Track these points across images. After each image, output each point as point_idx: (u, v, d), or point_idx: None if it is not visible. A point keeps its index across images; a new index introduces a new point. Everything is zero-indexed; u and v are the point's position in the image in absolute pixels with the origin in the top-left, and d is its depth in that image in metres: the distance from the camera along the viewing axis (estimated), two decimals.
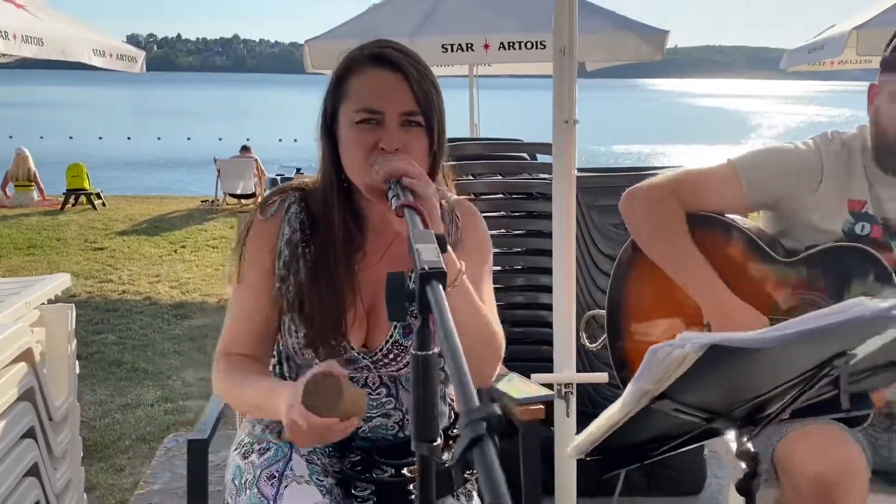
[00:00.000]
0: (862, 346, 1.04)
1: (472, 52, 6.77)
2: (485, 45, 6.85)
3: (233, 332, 1.67)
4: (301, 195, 1.67)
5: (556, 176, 2.50)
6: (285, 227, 1.64)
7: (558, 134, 2.48)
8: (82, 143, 27.37)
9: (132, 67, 9.33)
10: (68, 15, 8.86)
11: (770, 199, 1.96)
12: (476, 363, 1.37)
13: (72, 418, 2.72)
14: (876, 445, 1.93)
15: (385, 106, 1.52)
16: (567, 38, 2.43)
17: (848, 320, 0.94)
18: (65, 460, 2.64)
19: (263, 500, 1.52)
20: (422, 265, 0.97)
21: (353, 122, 1.53)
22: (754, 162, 1.97)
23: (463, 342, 1.26)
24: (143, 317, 6.73)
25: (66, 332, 2.65)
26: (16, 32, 6.84)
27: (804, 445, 1.73)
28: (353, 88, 1.55)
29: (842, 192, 1.92)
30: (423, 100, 1.54)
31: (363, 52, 1.57)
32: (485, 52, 6.95)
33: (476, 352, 1.43)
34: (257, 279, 1.63)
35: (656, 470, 3.08)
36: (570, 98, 2.46)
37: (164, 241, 10.14)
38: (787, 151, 1.96)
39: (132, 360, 5.57)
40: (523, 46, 6.98)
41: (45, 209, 12.75)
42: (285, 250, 1.63)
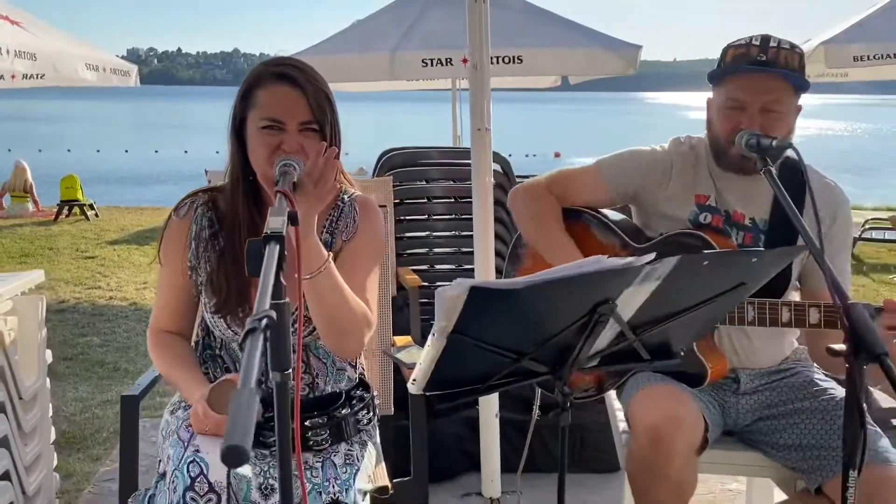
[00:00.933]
0: (620, 296, 1.32)
1: (451, 67, 7.01)
2: (463, 60, 7.15)
3: (159, 312, 2.02)
4: (209, 196, 1.99)
5: (473, 177, 2.80)
6: (193, 225, 1.97)
7: (474, 140, 2.78)
8: (80, 156, 27.59)
9: (126, 81, 9.60)
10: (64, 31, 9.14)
11: (629, 193, 2.26)
12: (338, 336, 1.84)
13: (41, 399, 2.98)
14: (725, 408, 2.21)
15: (286, 117, 1.82)
16: (479, 57, 2.72)
17: (589, 273, 1.21)
18: (34, 437, 2.91)
19: (180, 442, 1.80)
20: (265, 230, 1.26)
21: (259, 128, 1.83)
22: (616, 162, 2.27)
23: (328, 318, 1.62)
24: (128, 321, 6.96)
25: (36, 321, 2.92)
26: (9, 47, 7.11)
27: (646, 401, 2.02)
28: (259, 100, 1.85)
29: (689, 187, 2.21)
30: (317, 111, 1.84)
31: (268, 68, 1.87)
32: (463, 67, 7.26)
33: (339, 326, 1.81)
34: (173, 270, 1.97)
35: (580, 449, 3.34)
36: (483, 108, 2.75)
37: (153, 249, 10.18)
38: (644, 153, 2.26)
39: (114, 361, 5.79)
40: (500, 61, 7.28)
41: (39, 220, 13.01)
42: (193, 244, 1.96)
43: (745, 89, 2.03)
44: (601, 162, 2.28)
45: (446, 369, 1.36)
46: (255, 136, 1.84)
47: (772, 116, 2.02)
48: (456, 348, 1.30)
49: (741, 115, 2.03)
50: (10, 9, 8.27)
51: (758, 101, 2.01)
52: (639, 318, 1.42)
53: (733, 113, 2.05)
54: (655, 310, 1.41)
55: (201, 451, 1.76)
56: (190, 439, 1.80)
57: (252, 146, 1.85)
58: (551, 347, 1.41)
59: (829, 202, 2.18)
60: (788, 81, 2.04)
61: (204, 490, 1.70)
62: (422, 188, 4.30)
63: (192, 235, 1.96)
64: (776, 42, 2.04)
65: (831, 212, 2.19)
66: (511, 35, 7.37)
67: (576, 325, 1.34)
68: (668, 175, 2.22)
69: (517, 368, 1.44)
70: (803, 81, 2.05)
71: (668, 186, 2.22)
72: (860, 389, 1.41)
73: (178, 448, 1.80)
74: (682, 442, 1.91)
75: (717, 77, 2.10)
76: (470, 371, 1.41)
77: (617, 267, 1.24)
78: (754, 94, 2.01)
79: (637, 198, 2.27)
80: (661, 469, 1.91)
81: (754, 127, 1.98)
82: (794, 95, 2.07)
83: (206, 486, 1.70)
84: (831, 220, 2.19)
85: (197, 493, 1.70)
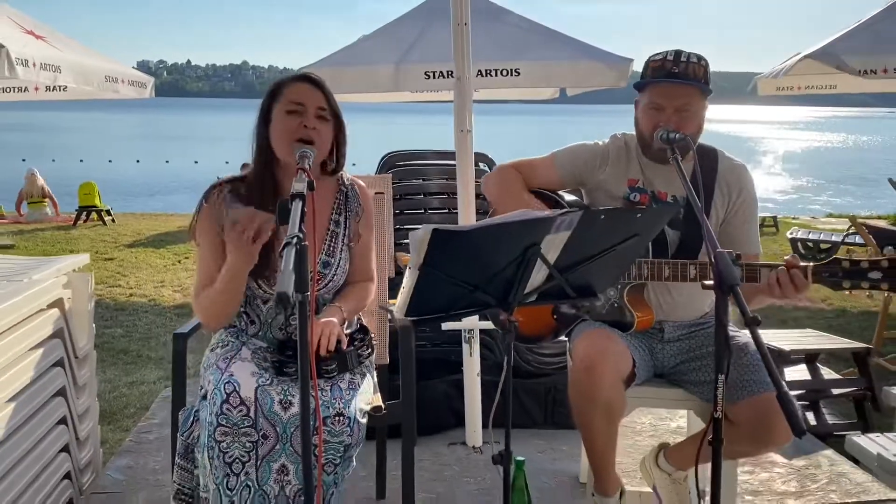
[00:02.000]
0: (543, 241, 1.82)
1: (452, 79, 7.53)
2: None
3: (200, 280, 2.48)
4: (231, 186, 2.50)
5: (457, 170, 3.33)
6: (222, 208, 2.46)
7: (458, 140, 3.31)
8: (93, 165, 28.12)
9: (142, 93, 10.10)
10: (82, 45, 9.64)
11: (575, 176, 2.78)
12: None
13: (90, 360, 3.50)
14: (653, 353, 2.73)
15: (307, 101, 2.38)
16: (462, 70, 3.26)
17: (517, 220, 1.72)
18: (85, 391, 3.43)
19: (219, 370, 2.31)
20: (291, 191, 1.80)
21: (285, 112, 2.38)
22: (566, 152, 2.80)
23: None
24: (148, 315, 7.47)
25: (86, 293, 3.44)
26: (35, 60, 7.61)
27: (583, 340, 2.55)
28: (284, 93, 2.40)
29: (623, 173, 2.73)
30: (331, 103, 2.40)
31: (294, 75, 2.42)
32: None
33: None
34: (209, 245, 2.46)
35: (553, 408, 3.84)
36: (465, 113, 3.28)
37: (168, 252, 10.93)
38: (588, 146, 2.79)
39: (137, 349, 6.30)
40: (499, 73, 7.77)
41: (59, 224, 13.60)
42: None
43: (662, 95, 2.56)
44: (556, 152, 2.82)
45: (420, 298, 1.87)
46: (279, 121, 2.38)
47: (684, 116, 2.55)
48: (426, 280, 1.81)
49: (660, 115, 2.56)
50: (35, 23, 8.79)
51: (672, 105, 2.54)
52: (562, 262, 1.93)
53: (654, 113, 2.58)
54: (573, 255, 1.92)
55: (234, 375, 2.27)
56: (226, 368, 2.31)
57: (276, 129, 2.39)
58: (498, 282, 1.92)
59: (736, 181, 2.71)
60: (696, 88, 2.56)
61: (236, 403, 2.22)
62: (419, 185, 4.83)
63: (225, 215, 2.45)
64: (686, 56, 2.57)
65: (737, 188, 2.71)
66: (509, 49, 7.87)
67: (513, 263, 1.86)
68: (606, 162, 2.74)
69: (473, 299, 1.96)
70: (707, 88, 2.58)
71: (606, 171, 2.74)
72: (724, 313, 1.93)
73: (217, 374, 2.32)
74: (609, 369, 2.43)
75: (642, 86, 2.63)
76: (439, 299, 1.92)
77: (538, 217, 1.76)
78: (669, 99, 2.54)
79: (582, 181, 2.79)
80: (592, 392, 2.43)
81: (670, 125, 2.50)
82: (701, 99, 2.59)
83: (238, 399, 2.22)
84: (737, 195, 2.71)
85: (231, 405, 2.21)
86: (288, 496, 2.26)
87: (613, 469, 2.60)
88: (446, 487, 3.26)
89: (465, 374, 3.58)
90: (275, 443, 2.24)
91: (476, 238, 1.75)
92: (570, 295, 2.06)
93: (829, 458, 3.54)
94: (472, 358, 3.50)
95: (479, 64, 7.56)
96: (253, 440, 2.22)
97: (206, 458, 2.23)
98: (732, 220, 2.68)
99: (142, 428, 4.03)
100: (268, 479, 2.25)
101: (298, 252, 1.59)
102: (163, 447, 3.67)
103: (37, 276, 3.09)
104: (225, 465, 2.21)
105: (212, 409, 2.22)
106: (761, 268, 2.36)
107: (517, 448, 3.00)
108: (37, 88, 10.54)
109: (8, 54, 6.98)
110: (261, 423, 2.22)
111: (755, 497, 3.17)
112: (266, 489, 2.25)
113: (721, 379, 1.94)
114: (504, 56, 7.75)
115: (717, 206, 2.67)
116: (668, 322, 2.71)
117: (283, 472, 2.26)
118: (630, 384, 2.55)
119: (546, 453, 3.58)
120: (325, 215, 2.54)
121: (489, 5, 8.62)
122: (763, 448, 2.52)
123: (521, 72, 7.65)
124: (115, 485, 3.34)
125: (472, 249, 1.78)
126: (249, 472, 2.23)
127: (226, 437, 2.20)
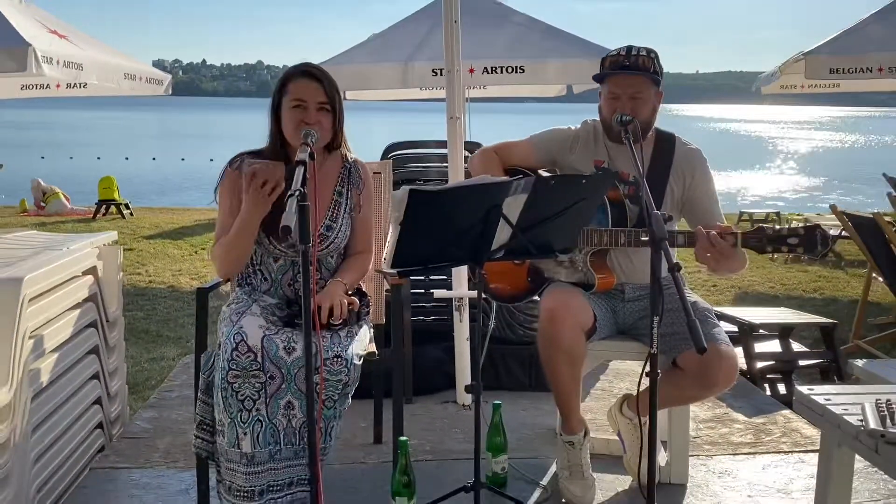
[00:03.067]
0: (504, 203, 2.19)
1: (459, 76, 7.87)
2: (470, 70, 7.99)
3: (218, 231, 2.90)
4: (251, 157, 2.90)
5: (448, 154, 3.71)
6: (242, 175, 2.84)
7: (449, 127, 3.69)
8: (109, 163, 28.55)
9: (158, 90, 10.46)
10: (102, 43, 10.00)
11: (549, 158, 3.15)
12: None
13: (119, 325, 3.90)
14: (615, 311, 3.10)
15: (308, 98, 2.76)
16: (451, 63, 3.63)
17: (481, 184, 2.09)
18: (114, 351, 3.82)
19: (231, 322, 2.69)
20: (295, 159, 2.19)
21: (291, 107, 2.76)
22: (542, 135, 3.18)
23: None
24: (166, 300, 7.86)
25: (116, 264, 3.83)
26: (59, 58, 8.01)
27: (549, 297, 2.93)
28: (290, 89, 2.79)
29: (589, 155, 3.10)
30: (330, 96, 2.78)
31: (297, 68, 2.80)
32: (470, 76, 8.09)
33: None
34: (229, 204, 2.87)
35: (536, 372, 4.21)
36: (455, 102, 3.66)
37: (185, 244, 11.36)
38: (561, 130, 3.17)
39: (157, 329, 6.68)
40: (504, 70, 8.11)
41: (80, 217, 14.07)
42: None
43: (618, 85, 2.94)
44: (533, 136, 3.20)
45: (403, 251, 2.25)
46: (287, 113, 2.77)
47: (638, 102, 2.93)
48: (407, 235, 2.19)
49: (617, 103, 2.93)
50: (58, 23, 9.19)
51: (627, 93, 2.92)
52: (524, 222, 2.31)
53: (612, 101, 2.95)
54: (531, 216, 2.29)
55: (244, 327, 2.65)
56: (237, 321, 2.69)
57: (285, 120, 2.79)
58: (468, 239, 2.29)
59: (690, 163, 3.09)
60: (646, 77, 2.94)
61: (244, 350, 2.60)
62: (419, 171, 5.21)
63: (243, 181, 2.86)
64: (636, 51, 2.94)
65: (691, 169, 3.09)
66: (515, 47, 8.23)
67: (479, 222, 2.23)
68: (575, 145, 3.12)
69: (449, 254, 2.34)
70: (657, 77, 2.97)
71: (575, 152, 3.11)
72: (658, 268, 2.29)
73: (229, 326, 2.70)
74: (570, 320, 2.81)
75: (601, 78, 3.01)
76: (419, 253, 2.30)
77: (496, 181, 2.14)
78: (624, 88, 2.92)
79: (555, 161, 3.16)
80: (555, 340, 2.80)
81: (626, 110, 2.88)
82: (652, 86, 2.97)
83: (246, 347, 2.60)
84: (690, 176, 3.08)
85: (240, 352, 2.59)
86: (295, 428, 2.64)
87: (578, 411, 2.98)
88: (436, 436, 3.65)
89: (455, 340, 3.96)
90: (280, 382, 2.62)
91: (445, 198, 2.13)
92: (532, 252, 2.43)
93: (785, 416, 3.89)
94: (462, 324, 3.88)
95: (486, 61, 7.93)
96: (261, 381, 2.60)
97: (220, 397, 2.61)
98: (692, 197, 3.06)
99: (164, 388, 4.43)
100: (276, 413, 2.63)
101: (300, 204, 1.98)
102: (184, 403, 4.07)
103: (73, 246, 3.49)
104: (238, 402, 2.59)
105: (224, 356, 2.60)
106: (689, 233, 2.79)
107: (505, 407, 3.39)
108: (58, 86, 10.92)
109: (35, 53, 7.38)
110: (267, 366, 2.60)
111: (713, 447, 3.54)
112: (275, 422, 2.63)
113: (656, 320, 2.31)
114: (510, 54, 8.11)
115: (673, 185, 3.05)
116: (628, 284, 3.08)
117: (290, 408, 2.64)
118: (591, 336, 2.92)
119: (528, 411, 3.95)
120: (330, 187, 2.94)
121: (497, 5, 8.98)
122: (707, 391, 2.89)
123: (525, 69, 8.02)
124: (142, 432, 3.75)
125: (443, 208, 2.16)
126: (260, 408, 2.61)
127: (237, 380, 2.58)
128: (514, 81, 8.25)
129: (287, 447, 2.63)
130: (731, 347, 2.84)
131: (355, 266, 2.97)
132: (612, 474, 3.19)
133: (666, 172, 3.01)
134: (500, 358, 4.19)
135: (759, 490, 3.12)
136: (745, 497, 3.06)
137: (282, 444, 2.63)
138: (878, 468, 2.11)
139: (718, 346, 2.80)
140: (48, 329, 3.06)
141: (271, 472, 2.62)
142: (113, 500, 3.07)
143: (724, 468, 3.32)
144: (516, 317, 4.30)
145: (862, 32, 8.11)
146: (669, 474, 3.15)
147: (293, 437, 2.63)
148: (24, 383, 2.75)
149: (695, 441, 3.54)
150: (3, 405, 2.60)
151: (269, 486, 2.62)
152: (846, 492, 2.42)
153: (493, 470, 3.07)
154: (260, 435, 2.59)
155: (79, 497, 3.08)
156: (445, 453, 3.47)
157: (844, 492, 2.41)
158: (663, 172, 3.00)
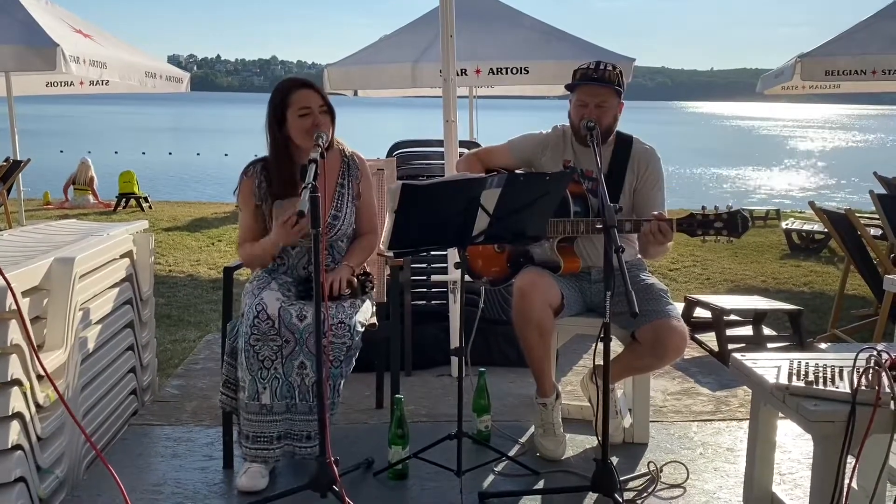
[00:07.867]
0: (482, 195, 2.64)
1: (466, 76, 8.19)
2: (476, 70, 8.39)
3: (243, 234, 3.40)
4: (262, 164, 3.39)
5: (445, 153, 4.16)
6: (255, 181, 3.36)
7: (445, 129, 4.14)
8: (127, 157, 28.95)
9: (178, 88, 10.86)
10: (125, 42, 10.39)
11: (525, 160, 3.60)
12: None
13: (151, 304, 4.37)
14: (583, 292, 3.55)
15: (312, 105, 3.23)
16: (447, 72, 4.09)
17: (462, 180, 2.54)
18: (146, 327, 4.30)
19: (253, 296, 3.16)
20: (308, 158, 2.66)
21: (298, 116, 3.23)
22: (518, 141, 3.63)
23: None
24: (186, 288, 8.26)
25: (148, 249, 4.30)
26: (85, 57, 8.44)
27: (521, 278, 3.39)
28: (294, 100, 3.25)
29: (560, 156, 3.55)
30: (325, 100, 3.26)
31: (294, 82, 3.29)
32: (476, 76, 8.50)
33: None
34: (248, 209, 3.37)
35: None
36: (450, 106, 4.11)
37: (203, 235, 11.82)
38: (535, 135, 3.62)
39: (178, 314, 7.09)
40: (509, 71, 8.52)
41: (101, 210, 14.58)
42: (257, 191, 3.36)
43: (586, 94, 3.39)
44: (511, 140, 3.66)
45: (398, 235, 2.71)
46: (295, 121, 3.24)
47: (602, 109, 3.38)
48: (402, 222, 2.65)
49: (584, 110, 3.38)
50: (83, 23, 9.64)
51: (593, 101, 3.37)
52: (499, 212, 2.76)
53: (581, 108, 3.41)
54: (506, 206, 2.75)
55: (264, 299, 3.12)
56: (258, 294, 3.16)
57: (295, 127, 3.25)
58: (453, 226, 2.75)
59: (644, 160, 3.54)
60: (611, 89, 3.39)
61: (264, 318, 3.07)
62: (422, 167, 5.65)
63: (255, 186, 3.36)
64: (604, 65, 3.39)
65: (644, 165, 3.54)
66: (520, 49, 8.64)
67: (461, 212, 2.68)
68: (547, 147, 3.57)
69: (437, 238, 2.79)
70: (620, 90, 3.42)
71: (547, 154, 3.56)
72: (610, 250, 2.74)
73: (251, 298, 3.17)
74: (538, 296, 3.26)
75: (572, 87, 3.45)
76: (412, 237, 2.75)
77: (474, 177, 2.60)
78: (591, 97, 3.37)
79: (530, 162, 3.60)
80: (526, 314, 3.26)
81: (592, 116, 3.32)
82: (615, 97, 3.42)
83: (265, 315, 3.07)
84: (644, 170, 3.54)
85: (260, 319, 3.06)
86: (308, 385, 3.11)
87: (550, 377, 3.43)
88: (431, 402, 4.12)
89: (450, 320, 4.42)
90: (294, 345, 3.09)
91: (431, 191, 2.59)
92: (507, 237, 2.89)
93: (745, 391, 4.31)
94: (457, 305, 4.34)
95: (492, 63, 8.35)
96: (278, 344, 3.07)
97: (242, 357, 3.08)
98: (641, 189, 3.51)
99: (190, 360, 4.91)
100: (291, 372, 3.10)
101: (312, 195, 2.45)
102: (208, 374, 4.55)
103: (113, 232, 3.96)
104: (259, 362, 3.06)
105: (247, 323, 3.08)
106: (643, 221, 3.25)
107: (495, 380, 3.83)
108: (81, 83, 11.39)
109: (63, 52, 7.85)
110: (283, 331, 3.07)
111: (676, 415, 3.99)
112: (290, 380, 3.10)
113: (608, 295, 2.76)
114: (515, 56, 8.51)
115: (629, 179, 3.50)
116: (593, 267, 3.54)
117: (302, 367, 3.11)
118: (560, 313, 3.38)
119: (515, 383, 4.41)
120: (333, 180, 3.40)
121: (506, 9, 9.41)
122: (661, 361, 3.35)
123: (529, 70, 8.43)
124: (171, 397, 4.24)
125: (430, 200, 2.61)
126: (277, 367, 3.08)
127: (258, 343, 3.05)
128: (519, 81, 8.68)
129: (302, 402, 3.10)
130: (681, 323, 3.29)
131: (362, 247, 3.44)
132: (583, 435, 3.65)
133: (623, 168, 3.46)
134: (492, 336, 4.65)
135: (710, 449, 3.58)
136: (697, 454, 3.51)
137: (297, 398, 3.09)
138: (789, 418, 2.53)
139: (670, 322, 3.25)
140: (94, 303, 3.53)
141: (287, 421, 3.10)
142: (150, 449, 3.56)
143: (683, 433, 3.77)
144: (509, 301, 4.75)
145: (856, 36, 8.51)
146: (633, 435, 3.60)
147: (307, 393, 3.11)
148: (75, 348, 3.23)
149: (661, 410, 4.00)
150: (60, 364, 3.08)
151: (287, 433, 3.10)
152: (770, 446, 2.85)
153: (477, 427, 3.54)
154: (277, 390, 3.06)
155: (121, 447, 3.56)
156: (439, 416, 3.94)
157: (769, 446, 2.85)
158: (621, 169, 3.45)
